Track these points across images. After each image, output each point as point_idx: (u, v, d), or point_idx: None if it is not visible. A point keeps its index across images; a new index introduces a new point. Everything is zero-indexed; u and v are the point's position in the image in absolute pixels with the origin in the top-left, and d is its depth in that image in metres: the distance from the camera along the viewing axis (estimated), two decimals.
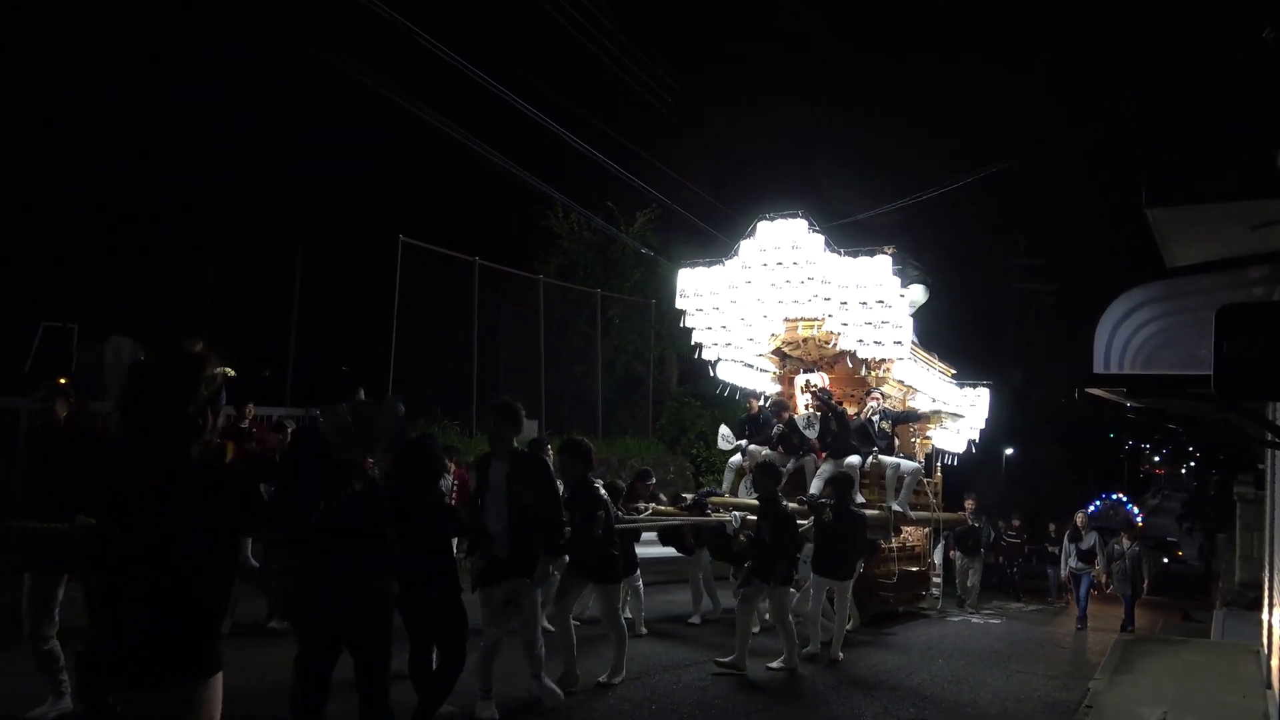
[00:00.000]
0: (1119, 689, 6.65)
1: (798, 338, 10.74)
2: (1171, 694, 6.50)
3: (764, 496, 7.13)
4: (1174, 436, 61.32)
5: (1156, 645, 9.20)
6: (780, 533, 6.89)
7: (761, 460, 8.26)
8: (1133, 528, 13.55)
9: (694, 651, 7.60)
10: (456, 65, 10.20)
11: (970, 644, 9.34)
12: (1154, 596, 18.74)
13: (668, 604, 9.88)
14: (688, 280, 10.53)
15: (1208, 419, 8.73)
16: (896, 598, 10.34)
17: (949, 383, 12.41)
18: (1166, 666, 7.70)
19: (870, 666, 7.57)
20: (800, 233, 9.61)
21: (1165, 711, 5.90)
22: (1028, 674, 7.79)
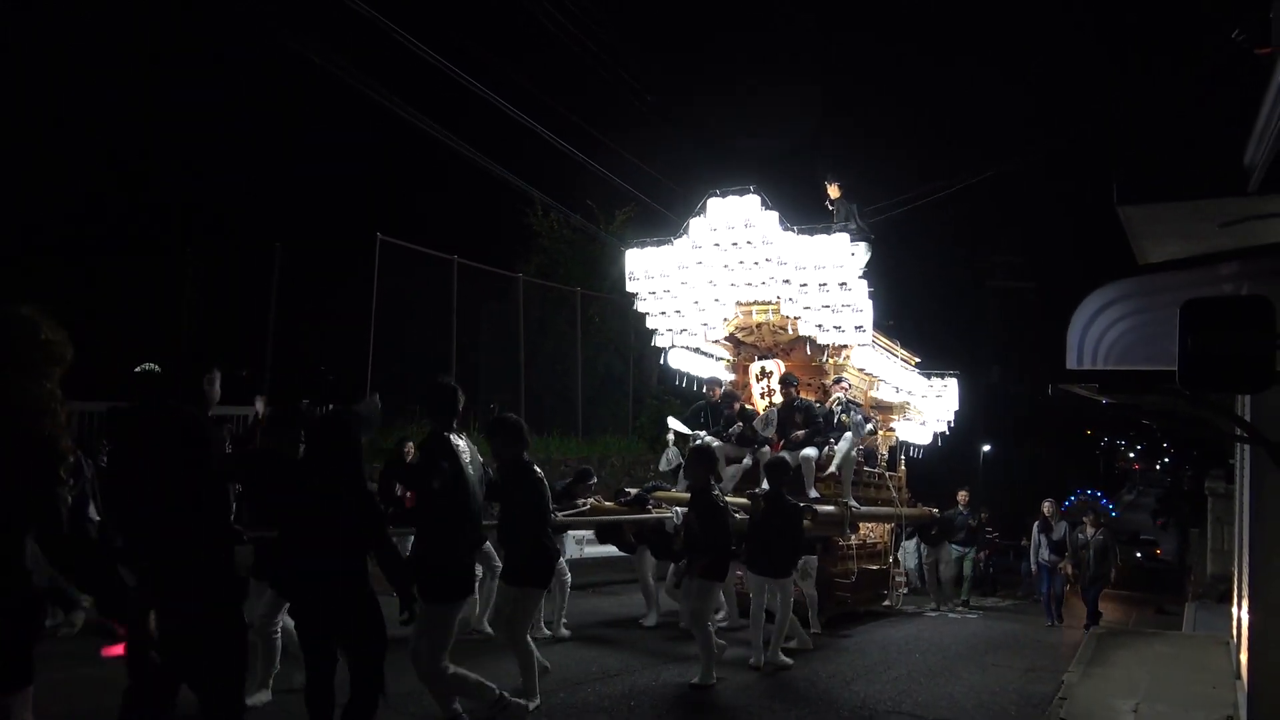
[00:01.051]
0: (1092, 680, 6.73)
1: (752, 323, 10.12)
2: (1144, 685, 6.59)
3: (694, 485, 6.67)
4: (1149, 432, 62.18)
5: (1129, 638, 9.32)
6: (707, 524, 6.35)
7: (697, 445, 7.72)
8: (1097, 513, 12.25)
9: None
10: (435, 62, 10.18)
11: (945, 639, 9.43)
12: (1128, 591, 18.98)
13: (620, 606, 9.76)
14: (636, 261, 9.88)
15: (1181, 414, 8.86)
16: (855, 598, 9.79)
17: (912, 371, 11.88)
18: (1139, 658, 7.81)
19: (847, 663, 7.62)
20: (753, 210, 8.99)
21: (1138, 702, 5.98)
22: (1004, 667, 7.88)
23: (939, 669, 7.53)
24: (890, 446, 12.10)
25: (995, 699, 6.54)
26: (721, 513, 6.41)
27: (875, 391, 11.09)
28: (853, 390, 10.14)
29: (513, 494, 5.12)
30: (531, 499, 5.10)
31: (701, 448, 7.01)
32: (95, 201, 17.74)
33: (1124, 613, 15.70)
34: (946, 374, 12.76)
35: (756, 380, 10.27)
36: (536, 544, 5.13)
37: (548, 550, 5.23)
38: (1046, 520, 11.73)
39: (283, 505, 4.02)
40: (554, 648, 7.21)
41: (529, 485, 5.10)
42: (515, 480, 5.11)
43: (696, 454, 6.83)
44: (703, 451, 6.90)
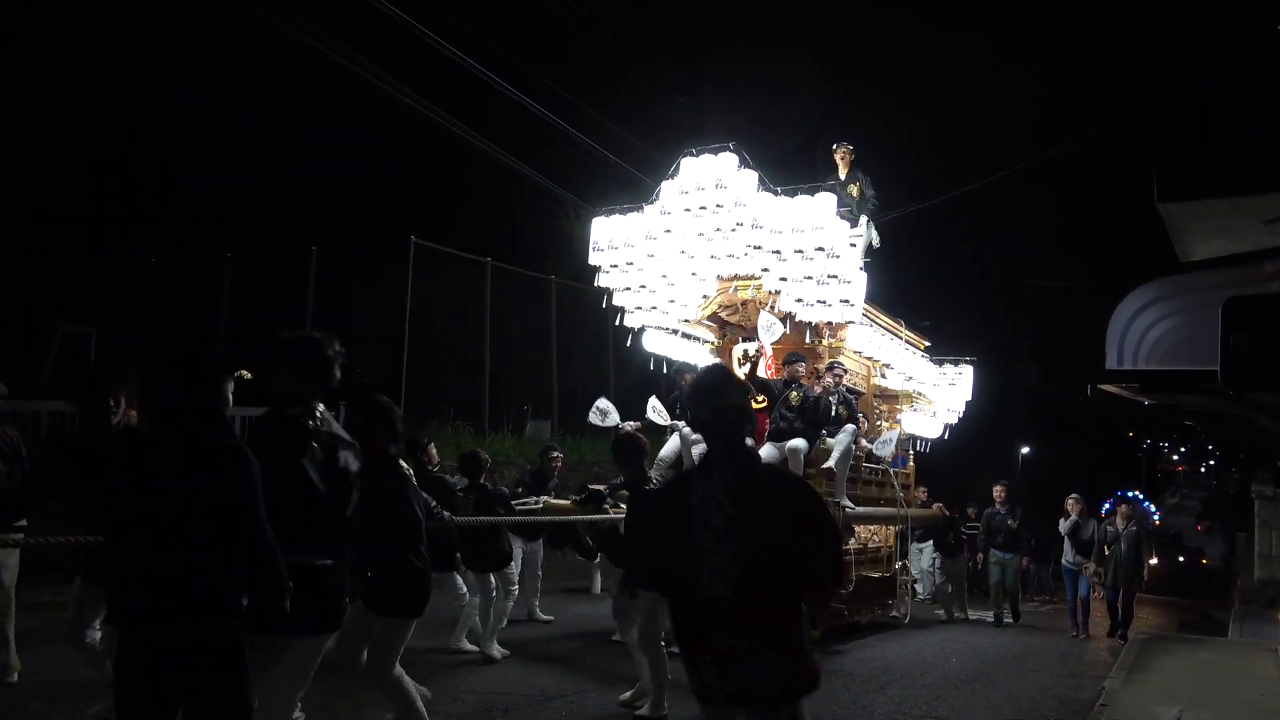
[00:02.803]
0: (1134, 687, 6.60)
1: (735, 300, 9.03)
2: (1188, 692, 6.45)
3: (626, 481, 5.63)
4: (1193, 434, 60.91)
5: (1173, 644, 9.13)
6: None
7: (624, 433, 6.54)
8: (1131, 505, 10.92)
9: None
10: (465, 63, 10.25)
11: (976, 646, 9.29)
12: (1171, 596, 18.58)
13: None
14: (602, 231, 8.66)
15: (1225, 415, 8.65)
16: (854, 609, 8.75)
17: (920, 356, 10.62)
18: (1183, 665, 7.65)
19: (882, 665, 7.54)
20: (728, 169, 7.83)
21: (1181, 710, 5.85)
22: (1043, 673, 7.75)
23: (975, 674, 7.43)
24: (898, 440, 11.00)
25: (1035, 705, 6.42)
26: None
27: (879, 379, 10.01)
28: (851, 378, 9.11)
29: (374, 498, 3.93)
30: (397, 506, 4.12)
31: (627, 436, 5.72)
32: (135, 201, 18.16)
33: (1167, 618, 15.37)
34: (961, 360, 11.55)
35: (739, 364, 9.12)
36: (402, 563, 4.12)
37: (415, 571, 4.17)
38: (1073, 519, 10.54)
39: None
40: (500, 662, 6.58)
41: (392, 489, 4.14)
42: (377, 481, 4.02)
43: (622, 444, 5.56)
44: (627, 440, 5.62)
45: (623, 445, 5.52)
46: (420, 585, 4.20)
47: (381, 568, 4.12)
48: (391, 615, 4.14)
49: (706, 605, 2.85)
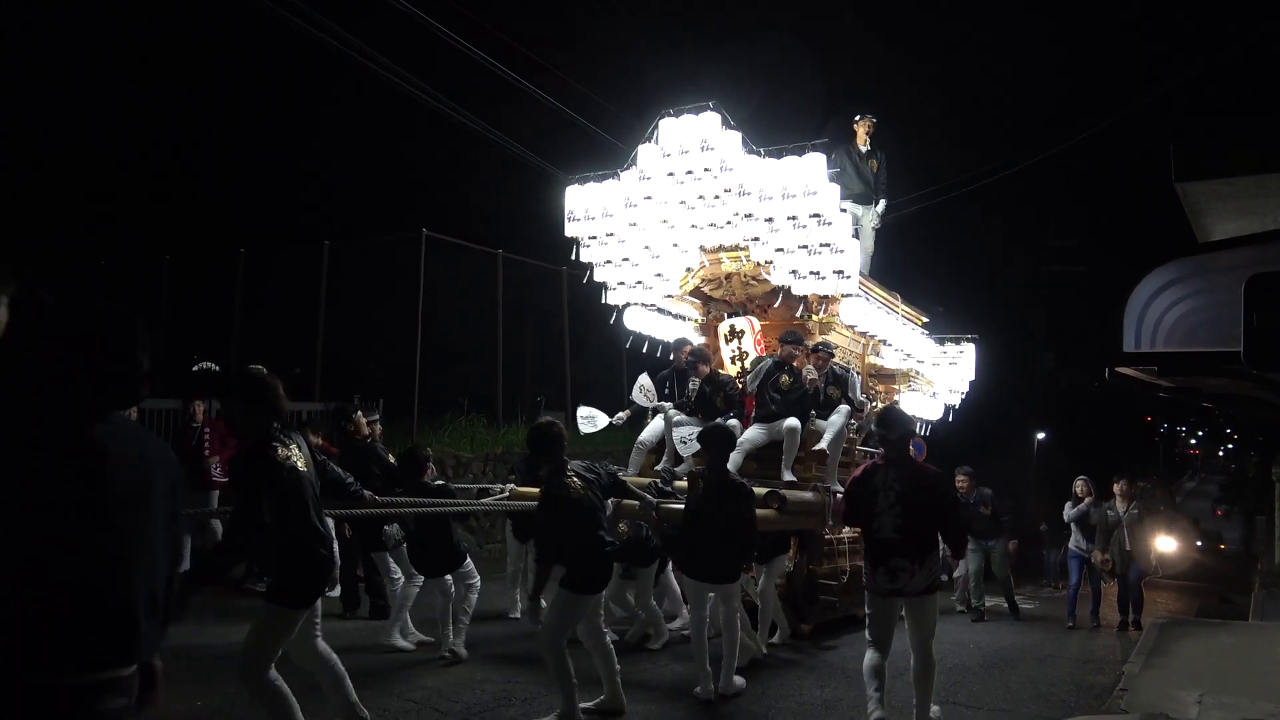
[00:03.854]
0: (1154, 671, 6.56)
1: (720, 273, 8.53)
2: (1208, 676, 6.40)
3: (547, 471, 5.10)
4: (1211, 418, 60.42)
5: (1192, 628, 9.05)
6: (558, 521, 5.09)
7: (537, 423, 5.40)
8: (1130, 484, 9.79)
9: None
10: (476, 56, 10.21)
11: (991, 634, 9.25)
12: (1190, 580, 18.46)
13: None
14: (577, 200, 8.14)
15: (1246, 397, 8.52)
16: (848, 601, 7.93)
17: (919, 332, 10.07)
18: (1203, 649, 7.59)
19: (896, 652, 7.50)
20: (711, 130, 7.34)
21: (1202, 693, 5.81)
22: (1061, 658, 7.72)
23: (992, 661, 7.40)
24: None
25: (1053, 691, 6.40)
26: (574, 505, 4.91)
27: (874, 357, 9.46)
28: (844, 356, 8.65)
29: (257, 483, 3.78)
30: (280, 492, 3.78)
31: (541, 425, 5.18)
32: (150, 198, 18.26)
33: (1186, 603, 15.26)
34: (963, 338, 10.99)
35: (725, 342, 8.64)
36: (291, 550, 3.81)
37: (306, 560, 3.83)
38: (1080, 501, 9.75)
39: None
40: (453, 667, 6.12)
41: (269, 471, 3.78)
42: (253, 463, 3.80)
43: (535, 434, 5.16)
44: (541, 430, 5.13)
45: (538, 434, 5.10)
46: (307, 573, 3.84)
47: (275, 556, 3.87)
48: (273, 603, 3.84)
49: (884, 542, 4.92)
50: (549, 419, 5.23)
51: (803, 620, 7.68)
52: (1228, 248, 5.76)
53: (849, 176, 9.55)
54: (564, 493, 4.91)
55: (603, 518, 5.10)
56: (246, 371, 4.01)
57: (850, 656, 6.95)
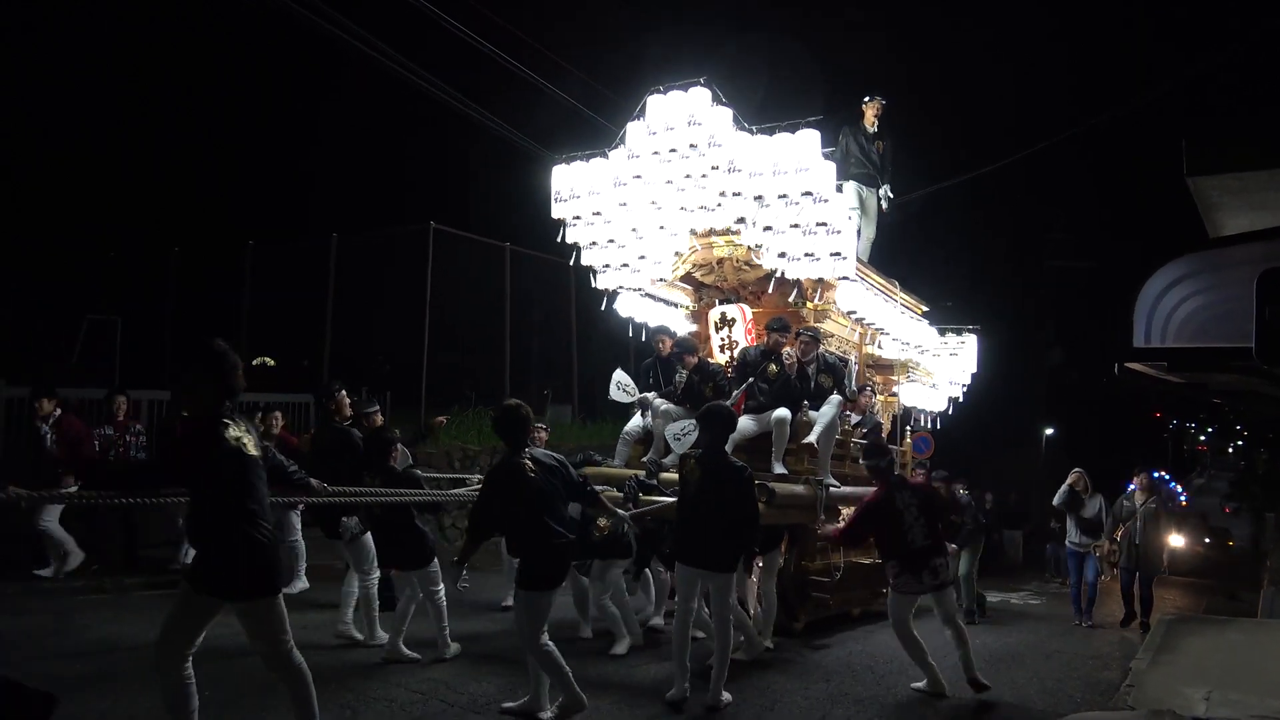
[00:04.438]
0: (1162, 668, 6.52)
1: (710, 258, 8.26)
2: (1217, 673, 6.37)
3: (508, 453, 4.93)
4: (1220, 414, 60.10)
5: (1200, 625, 9.00)
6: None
7: (509, 403, 5.13)
8: (1149, 478, 9.54)
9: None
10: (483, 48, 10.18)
11: (996, 630, 9.23)
12: (1198, 578, 18.40)
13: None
14: (564, 180, 7.87)
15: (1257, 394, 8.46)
16: (840, 599, 7.82)
17: (919, 321, 9.82)
18: (1211, 645, 7.55)
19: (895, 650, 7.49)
20: (700, 106, 7.04)
21: (1210, 690, 5.78)
22: (1069, 654, 7.71)
23: (998, 657, 7.39)
24: (894, 415, 10.20)
25: (1060, 686, 6.40)
26: (523, 485, 4.71)
27: (873, 347, 9.21)
28: (839, 344, 8.41)
29: (201, 466, 3.58)
30: (225, 475, 3.56)
31: (509, 405, 5.01)
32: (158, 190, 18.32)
33: (1194, 600, 15.22)
34: (964, 328, 10.81)
35: (716, 330, 8.40)
36: (232, 536, 3.56)
37: (249, 546, 3.56)
38: (1076, 495, 9.51)
39: None
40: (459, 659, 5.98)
41: (218, 451, 3.53)
42: (206, 445, 3.56)
43: (504, 414, 4.96)
44: (509, 410, 4.97)
45: (508, 415, 4.91)
46: (262, 561, 3.62)
47: (216, 545, 3.60)
48: (244, 599, 3.61)
49: (923, 550, 5.90)
50: (516, 401, 5.01)
51: (794, 618, 7.45)
52: (1240, 243, 5.72)
53: (854, 156, 9.41)
54: (515, 471, 4.70)
55: (558, 508, 4.80)
56: (207, 343, 3.69)
57: (842, 655, 6.89)
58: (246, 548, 3.54)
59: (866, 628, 8.05)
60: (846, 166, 9.34)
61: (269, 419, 8.27)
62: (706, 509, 5.32)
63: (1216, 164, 5.08)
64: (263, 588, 3.62)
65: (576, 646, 6.44)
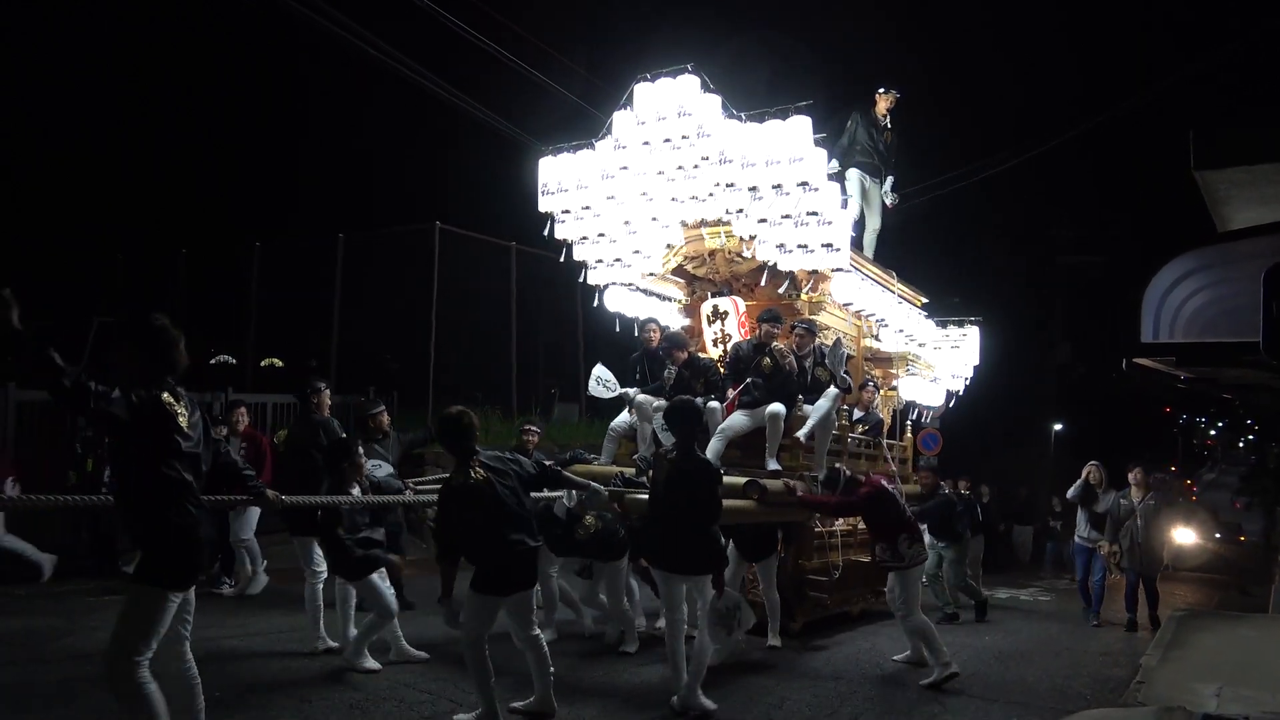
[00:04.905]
0: (1172, 664, 6.50)
1: (702, 250, 8.10)
2: (1228, 668, 6.34)
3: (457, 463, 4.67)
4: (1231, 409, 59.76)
5: (1211, 620, 8.96)
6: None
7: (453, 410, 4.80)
8: (1146, 473, 9.06)
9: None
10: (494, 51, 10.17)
11: (1005, 627, 9.20)
12: (1208, 573, 18.32)
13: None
14: (551, 172, 7.63)
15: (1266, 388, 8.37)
16: (838, 598, 7.67)
17: (916, 312, 9.54)
18: (1222, 641, 7.52)
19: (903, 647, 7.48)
20: (689, 95, 6.82)
21: (1221, 686, 5.75)
22: (1078, 651, 7.67)
23: (1007, 653, 7.37)
24: (895, 410, 9.90)
25: (1069, 683, 6.37)
26: (470, 496, 4.52)
27: (872, 340, 8.98)
28: (827, 335, 8.16)
29: (134, 445, 3.44)
30: (142, 452, 3.42)
31: (449, 415, 4.73)
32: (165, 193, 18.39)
33: (1205, 595, 15.14)
34: (966, 320, 10.52)
35: (708, 323, 8.20)
36: (152, 519, 3.41)
37: (173, 531, 3.39)
38: (1090, 489, 9.18)
39: None
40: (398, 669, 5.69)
41: (139, 427, 3.38)
42: (139, 422, 3.40)
43: (443, 424, 4.74)
44: (449, 420, 4.71)
45: (447, 424, 4.67)
46: (180, 549, 3.41)
47: (137, 528, 3.48)
48: (139, 581, 3.41)
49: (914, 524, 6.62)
50: (459, 408, 4.71)
51: (791, 618, 7.27)
52: (1248, 236, 5.68)
53: (860, 144, 9.25)
54: (464, 491, 4.51)
55: (512, 513, 4.55)
56: (146, 318, 3.54)
57: (838, 657, 6.73)
58: (166, 533, 3.38)
59: (880, 623, 7.88)
60: (851, 153, 9.23)
61: (235, 414, 7.98)
62: (678, 510, 5.15)
63: (1224, 157, 5.03)
64: (166, 578, 3.40)
65: (572, 646, 6.46)
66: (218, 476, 3.86)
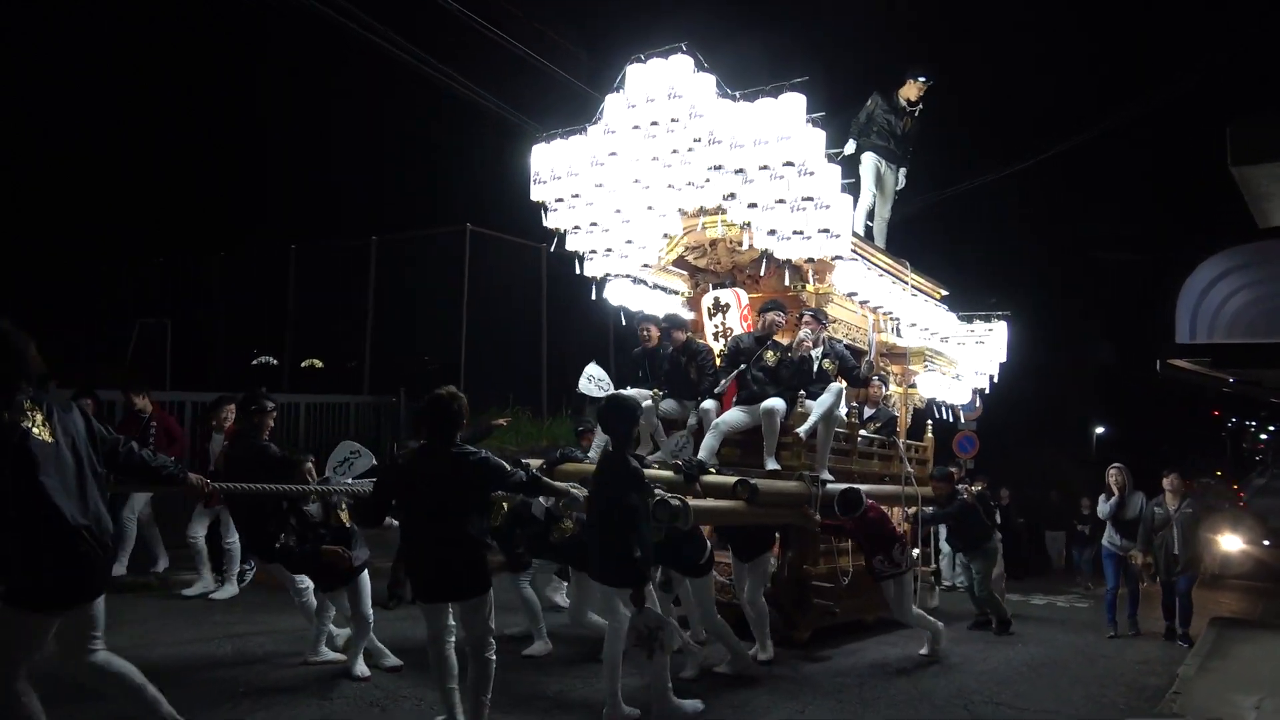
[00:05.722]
0: (1210, 675, 6.33)
1: (703, 240, 7.68)
2: (1269, 680, 6.16)
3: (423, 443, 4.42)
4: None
5: (1253, 630, 8.71)
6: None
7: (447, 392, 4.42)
8: (1183, 479, 8.45)
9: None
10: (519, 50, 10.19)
11: (1038, 634, 9.02)
12: (1253, 581, 17.83)
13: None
14: (543, 160, 7.26)
15: None
16: (849, 605, 7.19)
17: (938, 306, 9.05)
18: (1264, 652, 7.31)
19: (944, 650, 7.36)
20: (682, 75, 6.43)
21: (1262, 698, 5.60)
22: (1113, 659, 7.50)
23: (1039, 661, 7.21)
24: (915, 408, 9.33)
25: (1104, 691, 6.22)
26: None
27: (889, 335, 8.52)
28: (846, 330, 7.78)
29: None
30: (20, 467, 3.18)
31: (439, 397, 4.34)
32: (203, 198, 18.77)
33: (1250, 603, 14.72)
34: (993, 315, 9.88)
35: (709, 316, 7.88)
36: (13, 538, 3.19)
37: (27, 547, 3.18)
38: (1117, 494, 8.52)
39: None
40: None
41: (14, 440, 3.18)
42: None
43: (430, 406, 4.37)
44: (438, 403, 4.33)
45: (434, 406, 4.30)
46: (41, 568, 3.19)
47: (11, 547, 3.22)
48: (7, 605, 3.19)
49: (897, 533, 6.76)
50: (450, 389, 4.34)
51: (793, 627, 6.86)
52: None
53: (878, 126, 8.85)
54: (415, 467, 4.20)
55: (469, 511, 4.18)
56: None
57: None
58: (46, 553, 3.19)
59: (899, 632, 7.34)
60: (868, 133, 8.85)
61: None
62: (600, 517, 4.80)
63: (1263, 152, 4.89)
64: (57, 600, 3.25)
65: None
66: (129, 476, 3.77)
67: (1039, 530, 15.81)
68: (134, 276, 15.61)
